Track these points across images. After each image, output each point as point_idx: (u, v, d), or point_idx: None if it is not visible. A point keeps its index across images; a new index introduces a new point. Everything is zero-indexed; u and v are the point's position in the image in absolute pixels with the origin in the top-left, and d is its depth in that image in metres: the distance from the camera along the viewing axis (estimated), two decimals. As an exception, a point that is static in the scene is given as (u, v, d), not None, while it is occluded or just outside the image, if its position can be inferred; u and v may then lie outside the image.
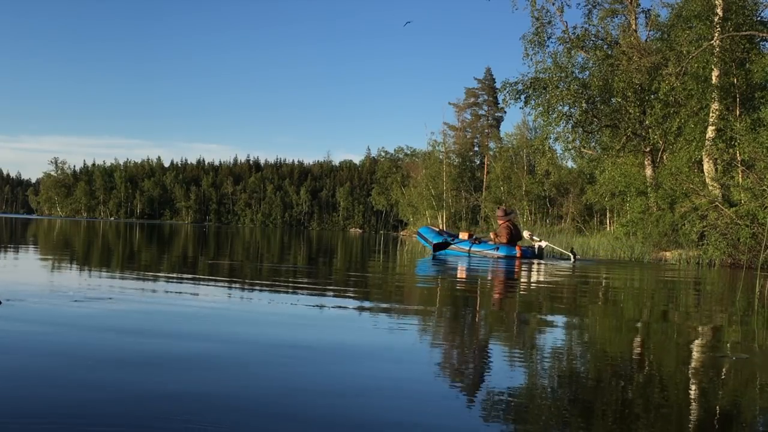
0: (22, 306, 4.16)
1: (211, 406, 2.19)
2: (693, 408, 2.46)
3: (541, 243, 14.89)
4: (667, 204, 18.95)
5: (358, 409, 2.23)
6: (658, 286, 9.05)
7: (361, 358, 3.13)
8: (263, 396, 2.35)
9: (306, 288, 6.47)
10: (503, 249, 14.23)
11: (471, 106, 64.29)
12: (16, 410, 2.08)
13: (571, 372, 3.06)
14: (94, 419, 2.02)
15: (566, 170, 39.19)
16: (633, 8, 22.16)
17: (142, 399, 2.24)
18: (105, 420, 2.02)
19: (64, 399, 2.21)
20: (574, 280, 9.33)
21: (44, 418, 2.01)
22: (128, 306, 4.48)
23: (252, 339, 3.46)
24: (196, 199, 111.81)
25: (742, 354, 3.63)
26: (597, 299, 6.63)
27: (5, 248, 10.99)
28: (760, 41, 18.81)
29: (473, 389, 2.63)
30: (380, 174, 73.26)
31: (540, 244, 14.81)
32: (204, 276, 7.38)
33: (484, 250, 14.36)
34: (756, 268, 12.31)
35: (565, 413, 2.32)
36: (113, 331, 3.50)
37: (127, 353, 2.96)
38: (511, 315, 5.10)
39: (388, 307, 5.20)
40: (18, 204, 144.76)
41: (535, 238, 15.18)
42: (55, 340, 3.18)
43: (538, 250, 14.61)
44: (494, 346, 3.70)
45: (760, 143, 15.26)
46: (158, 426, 1.98)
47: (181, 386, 2.42)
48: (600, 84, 20.52)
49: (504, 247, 14.31)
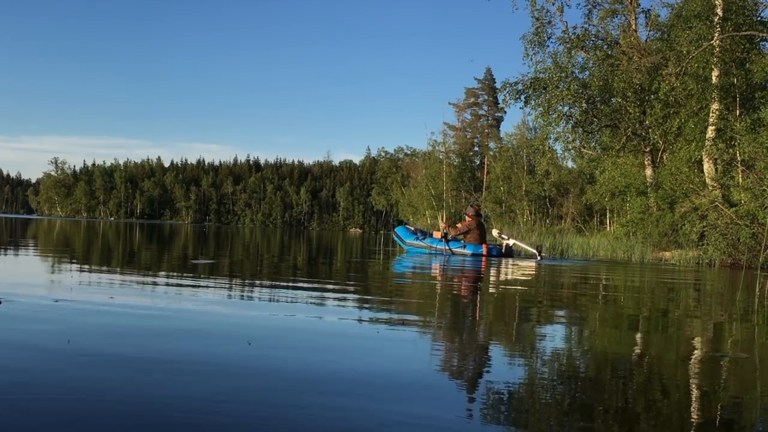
0: (22, 306, 4.16)
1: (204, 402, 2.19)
2: (693, 407, 2.46)
3: (508, 241, 15.06)
4: (667, 204, 18.95)
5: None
6: (658, 286, 9.05)
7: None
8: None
9: (293, 287, 6.48)
10: (470, 247, 14.64)
11: (471, 106, 64.31)
12: (16, 411, 2.08)
13: (570, 372, 3.05)
14: (95, 419, 2.02)
15: (566, 170, 39.19)
16: (633, 8, 22.16)
17: (142, 399, 2.24)
18: (106, 420, 2.02)
19: (64, 399, 2.21)
20: (572, 280, 9.33)
21: (45, 419, 2.01)
22: (129, 306, 4.48)
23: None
24: (196, 199, 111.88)
25: (742, 353, 3.63)
26: (596, 299, 6.63)
27: (5, 248, 10.99)
28: (760, 41, 18.81)
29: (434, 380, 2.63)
30: (380, 174, 73.28)
31: (508, 243, 14.98)
32: (204, 275, 7.39)
33: (454, 249, 14.74)
34: (756, 268, 12.32)
35: (564, 413, 2.32)
36: (114, 330, 3.50)
37: (126, 353, 2.96)
38: (507, 313, 5.11)
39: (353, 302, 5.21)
40: (18, 204, 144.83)
41: (504, 237, 15.36)
42: (55, 339, 3.17)
43: (506, 249, 14.79)
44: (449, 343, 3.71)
45: (760, 143, 15.27)
46: (158, 422, 1.98)
47: (182, 387, 2.42)
48: (600, 84, 20.52)
49: (471, 246, 14.66)
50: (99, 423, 1.98)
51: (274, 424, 2.03)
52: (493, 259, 13.50)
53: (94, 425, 1.96)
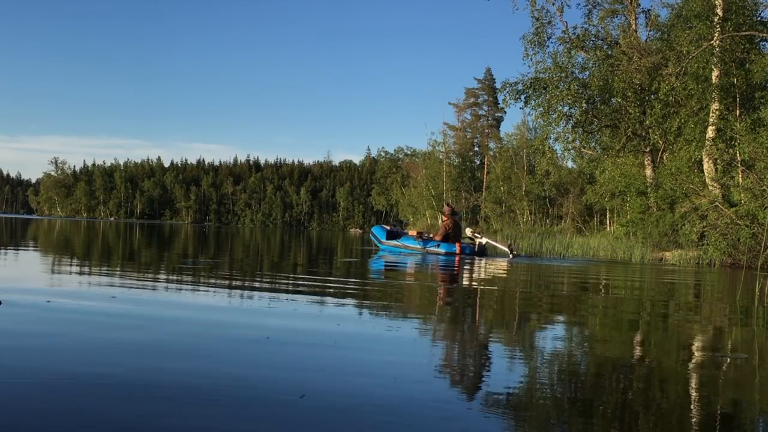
0: (22, 305, 4.16)
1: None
2: (692, 408, 2.46)
3: (481, 240, 15.36)
4: (667, 204, 18.96)
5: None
6: (658, 286, 9.05)
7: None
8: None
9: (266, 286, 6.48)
10: (444, 246, 14.92)
11: (471, 106, 64.32)
12: (16, 412, 2.08)
13: (569, 371, 3.05)
14: (94, 420, 2.02)
15: (566, 170, 39.21)
16: (633, 8, 22.18)
17: (142, 398, 2.24)
18: (104, 421, 2.02)
19: (64, 400, 2.21)
20: (572, 280, 9.33)
21: (44, 420, 2.01)
22: (130, 305, 4.48)
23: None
24: (196, 199, 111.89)
25: (742, 354, 3.63)
26: (597, 300, 6.63)
27: (5, 248, 10.99)
28: (760, 41, 18.82)
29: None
30: (380, 174, 73.31)
31: (481, 241, 15.27)
32: (203, 276, 7.39)
33: (428, 248, 15.05)
34: (756, 268, 12.31)
35: (563, 413, 2.32)
36: (115, 329, 3.50)
37: (127, 352, 2.96)
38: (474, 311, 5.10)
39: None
40: (18, 204, 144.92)
41: (477, 236, 15.57)
42: (55, 339, 3.17)
43: (479, 247, 15.05)
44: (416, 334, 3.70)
45: (760, 143, 15.27)
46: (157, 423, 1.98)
47: (182, 389, 2.42)
48: (600, 84, 20.53)
49: (445, 245, 14.97)
50: (99, 423, 1.98)
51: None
52: (467, 258, 13.71)
53: (95, 426, 1.96)
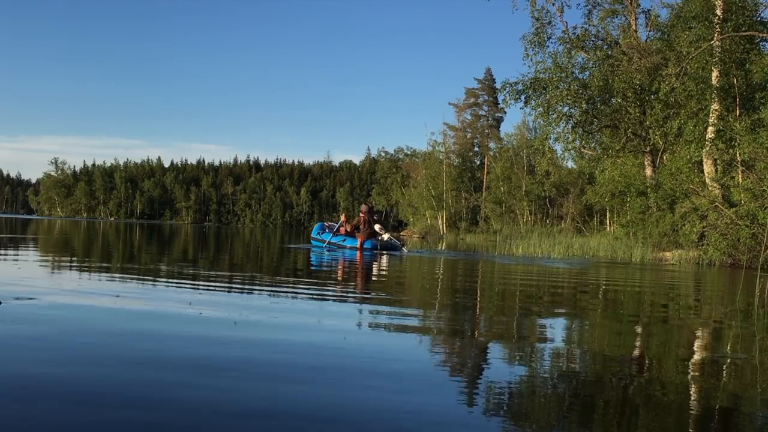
0: (22, 305, 4.16)
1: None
2: (692, 407, 2.46)
3: (383, 236, 16.20)
4: (667, 204, 18.96)
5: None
6: (658, 286, 9.05)
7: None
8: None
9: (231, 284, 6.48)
10: (349, 240, 15.98)
11: (471, 106, 64.34)
12: (16, 412, 2.08)
13: (569, 371, 3.06)
14: (95, 420, 2.02)
15: (566, 170, 39.23)
16: (633, 8, 22.19)
17: (142, 398, 2.24)
18: (105, 420, 2.02)
19: (64, 399, 2.21)
20: (572, 281, 9.33)
21: (45, 420, 2.01)
22: (131, 305, 4.48)
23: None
24: (196, 199, 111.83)
25: (742, 354, 3.63)
26: (597, 300, 6.63)
27: (5, 248, 10.99)
28: (760, 41, 18.83)
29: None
30: (380, 174, 73.25)
31: (383, 237, 16.15)
32: (203, 275, 7.39)
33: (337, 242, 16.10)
34: (756, 268, 12.32)
35: (563, 414, 2.33)
36: (116, 330, 3.51)
37: (127, 352, 2.96)
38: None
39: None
40: (18, 204, 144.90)
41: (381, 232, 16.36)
42: (55, 339, 3.17)
43: (382, 243, 15.99)
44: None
45: (760, 143, 15.28)
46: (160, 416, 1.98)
47: (184, 388, 2.42)
48: (600, 84, 20.53)
49: (349, 240, 16.02)
50: (100, 423, 1.99)
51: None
52: (367, 252, 14.84)
53: (95, 426, 1.97)
